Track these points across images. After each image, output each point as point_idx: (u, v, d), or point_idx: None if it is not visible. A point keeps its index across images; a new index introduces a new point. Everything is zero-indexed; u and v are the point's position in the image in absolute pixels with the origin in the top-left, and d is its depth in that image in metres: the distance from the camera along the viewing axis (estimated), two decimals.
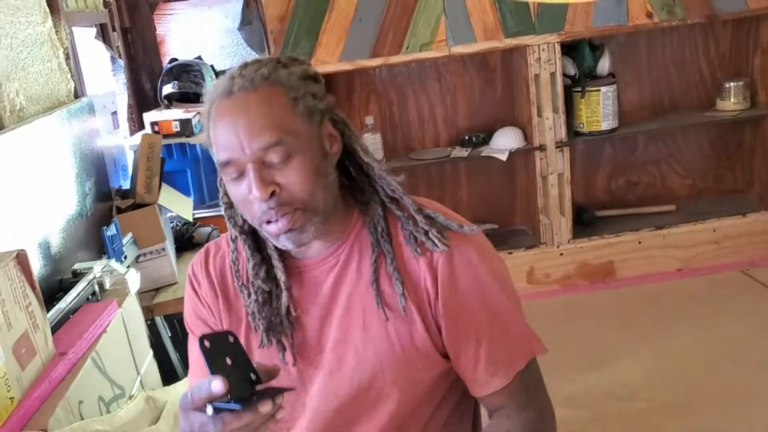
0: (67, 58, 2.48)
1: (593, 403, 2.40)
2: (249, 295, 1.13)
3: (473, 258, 1.09)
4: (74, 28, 2.66)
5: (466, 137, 3.40)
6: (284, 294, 1.12)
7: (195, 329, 1.21)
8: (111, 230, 2.19)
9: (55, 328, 1.72)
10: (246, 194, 1.03)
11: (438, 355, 1.11)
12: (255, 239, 1.15)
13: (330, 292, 1.12)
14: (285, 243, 1.07)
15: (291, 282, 1.14)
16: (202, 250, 1.22)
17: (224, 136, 1.01)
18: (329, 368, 1.12)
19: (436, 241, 1.08)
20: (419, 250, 1.09)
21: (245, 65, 1.04)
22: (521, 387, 1.11)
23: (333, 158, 1.08)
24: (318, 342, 1.12)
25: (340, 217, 1.12)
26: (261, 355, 1.12)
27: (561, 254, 3.32)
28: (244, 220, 1.13)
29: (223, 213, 1.17)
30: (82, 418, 1.51)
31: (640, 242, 3.32)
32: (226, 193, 1.13)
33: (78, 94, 2.54)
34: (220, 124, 1.02)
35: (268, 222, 1.04)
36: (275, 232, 1.05)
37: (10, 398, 1.39)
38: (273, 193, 1.01)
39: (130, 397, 1.70)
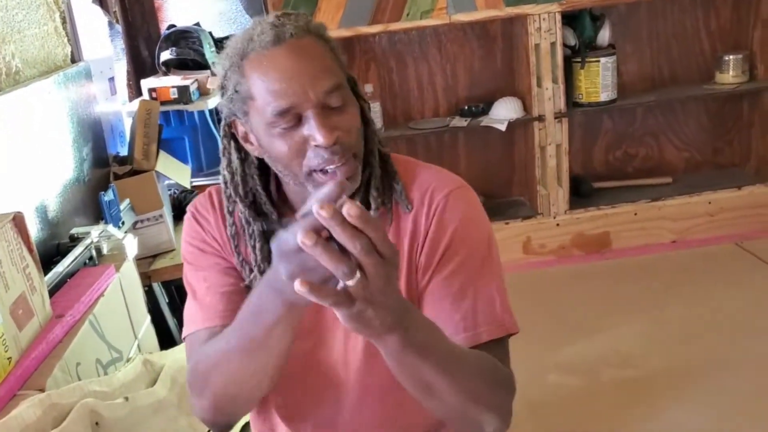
0: (64, 21, 2.46)
1: (586, 370, 2.42)
2: (251, 271, 1.09)
3: (469, 212, 1.09)
4: None
5: (466, 107, 3.39)
6: None
7: (201, 259, 1.13)
8: (108, 196, 2.19)
9: (52, 292, 1.73)
10: (300, 143, 0.99)
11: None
12: (257, 210, 1.10)
13: None
14: None
15: None
16: (205, 193, 1.16)
17: (282, 83, 0.96)
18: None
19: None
20: (410, 207, 1.09)
21: (278, 17, 1.01)
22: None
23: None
24: None
25: None
26: None
27: (557, 225, 3.33)
28: (247, 191, 1.09)
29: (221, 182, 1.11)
30: (80, 380, 1.53)
31: (636, 214, 3.33)
32: (230, 162, 1.08)
33: (75, 58, 2.52)
34: (273, 73, 0.97)
35: (324, 171, 1.00)
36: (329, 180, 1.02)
37: (8, 358, 1.41)
38: (337, 140, 0.98)
39: (128, 360, 1.71)
